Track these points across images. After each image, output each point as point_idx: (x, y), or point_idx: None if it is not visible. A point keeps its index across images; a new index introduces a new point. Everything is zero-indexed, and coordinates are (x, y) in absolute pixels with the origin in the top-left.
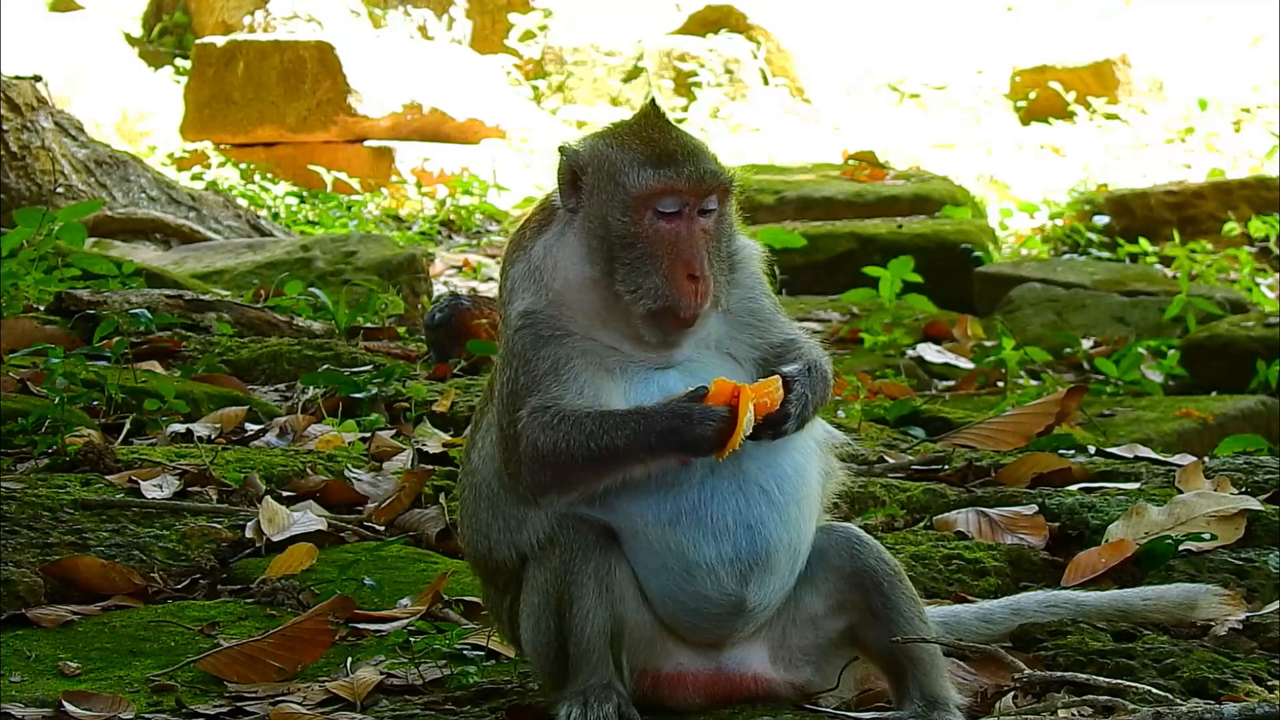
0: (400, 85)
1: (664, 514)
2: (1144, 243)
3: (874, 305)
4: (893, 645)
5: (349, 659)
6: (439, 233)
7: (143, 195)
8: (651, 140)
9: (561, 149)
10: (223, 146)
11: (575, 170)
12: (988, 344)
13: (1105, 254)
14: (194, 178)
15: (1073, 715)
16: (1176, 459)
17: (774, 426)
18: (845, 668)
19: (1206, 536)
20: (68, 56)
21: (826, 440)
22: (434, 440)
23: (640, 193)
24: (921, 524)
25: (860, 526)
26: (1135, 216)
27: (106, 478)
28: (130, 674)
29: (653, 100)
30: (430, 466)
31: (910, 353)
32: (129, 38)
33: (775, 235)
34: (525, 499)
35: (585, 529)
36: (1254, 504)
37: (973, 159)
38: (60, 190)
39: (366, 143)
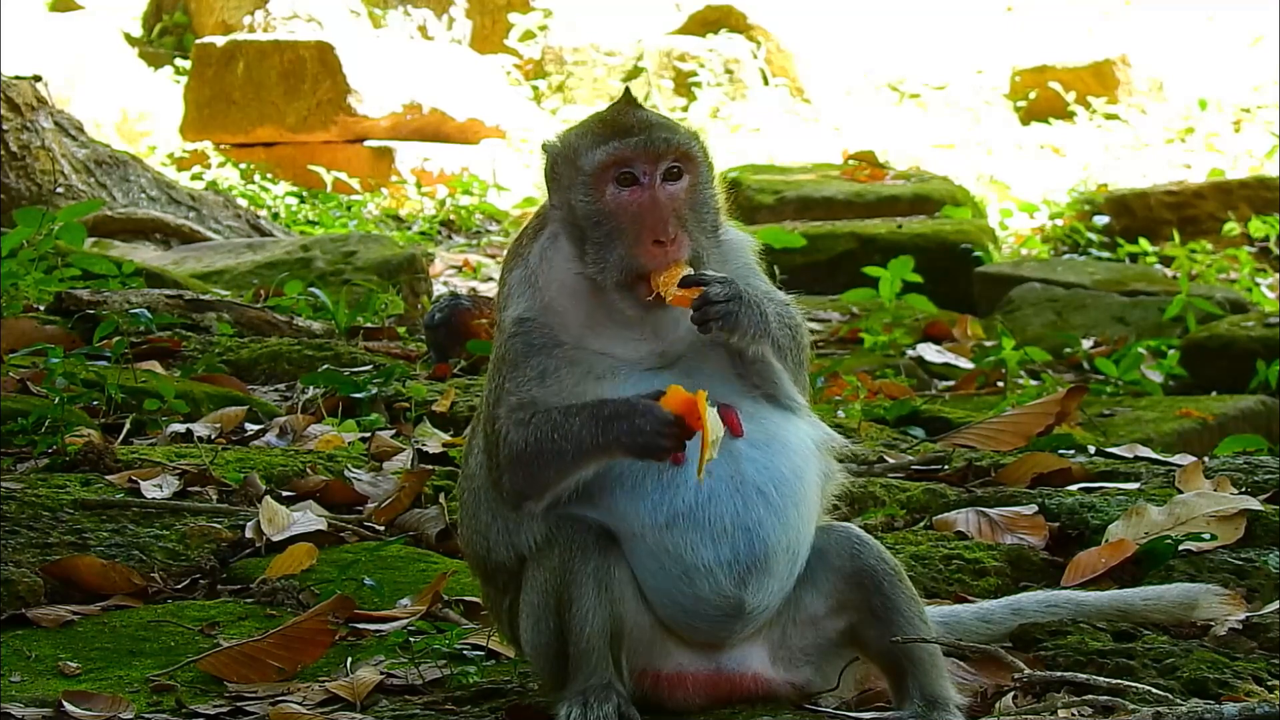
0: (400, 85)
1: (661, 516)
2: (1144, 243)
3: (874, 305)
4: (893, 645)
5: (349, 659)
6: (439, 233)
7: (143, 195)
8: (608, 120)
9: (543, 146)
10: (223, 146)
11: (552, 164)
12: (988, 344)
13: (1105, 254)
14: (194, 178)
15: (1073, 715)
16: (1176, 459)
17: (700, 306)
18: (845, 668)
19: (1206, 536)
20: (68, 56)
21: (825, 442)
22: (434, 440)
23: (593, 168)
24: (921, 524)
25: (860, 526)
26: (1135, 216)
27: (106, 478)
28: (130, 674)
29: (626, 88)
30: (430, 466)
31: (910, 353)
32: (129, 38)
33: (775, 235)
34: (509, 504)
35: (584, 529)
36: (1254, 504)
37: (973, 159)
38: (60, 190)
39: (366, 143)
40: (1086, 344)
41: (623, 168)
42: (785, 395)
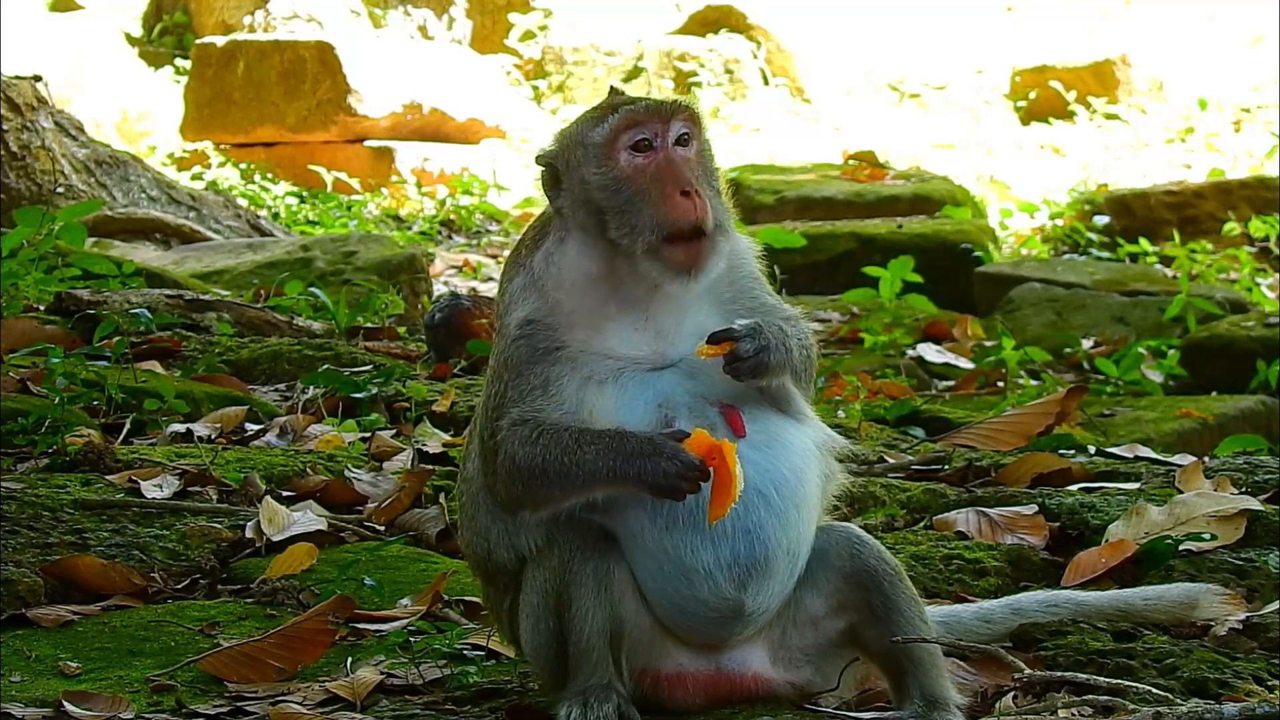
0: (400, 85)
1: (661, 519)
2: (1144, 243)
3: (874, 305)
4: (893, 645)
5: (349, 659)
6: (439, 233)
7: (143, 195)
8: (606, 103)
9: (538, 157)
10: (223, 146)
11: (552, 164)
12: (988, 344)
13: (1105, 254)
14: (194, 178)
15: (1073, 715)
16: (1176, 459)
17: (731, 362)
18: (845, 668)
19: (1206, 536)
20: (68, 56)
21: (826, 443)
22: (434, 440)
23: (605, 139)
24: (921, 524)
25: (860, 526)
26: (1135, 216)
27: (106, 478)
28: (130, 674)
29: (611, 86)
30: (430, 466)
31: (910, 353)
32: (129, 38)
33: (775, 235)
34: (502, 510)
35: (584, 530)
36: (1254, 504)
37: (973, 159)
38: (60, 190)
39: (366, 143)
40: (1086, 344)
41: (637, 132)
42: (796, 411)
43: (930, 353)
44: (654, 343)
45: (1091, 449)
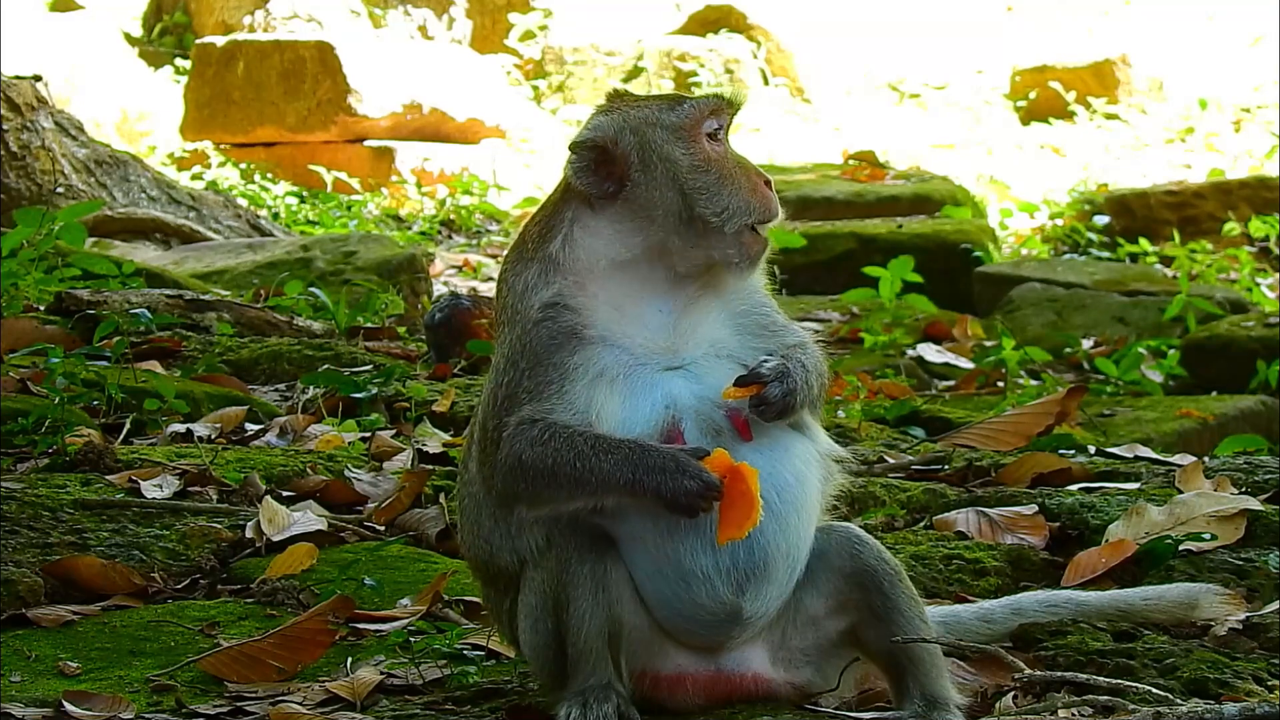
0: (400, 85)
1: (662, 522)
2: (1144, 243)
3: (874, 305)
4: (893, 645)
5: (349, 659)
6: (439, 233)
7: (143, 195)
8: (669, 94)
9: (575, 144)
10: (223, 146)
11: (605, 146)
12: (988, 344)
13: (1105, 254)
14: (194, 178)
15: (1073, 715)
16: (1176, 459)
17: (757, 406)
18: (845, 668)
19: (1206, 536)
20: (68, 56)
21: (827, 448)
22: (434, 440)
23: (689, 121)
24: (921, 524)
25: (860, 526)
26: (1135, 216)
27: (106, 478)
28: (130, 674)
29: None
30: (430, 466)
31: (910, 353)
32: (129, 38)
33: (775, 235)
34: (497, 503)
35: (581, 531)
36: (1254, 504)
37: (973, 159)
38: (60, 190)
39: (366, 143)
40: (1086, 344)
41: (714, 121)
42: (810, 433)
43: (930, 353)
44: (670, 336)
45: (1091, 449)
